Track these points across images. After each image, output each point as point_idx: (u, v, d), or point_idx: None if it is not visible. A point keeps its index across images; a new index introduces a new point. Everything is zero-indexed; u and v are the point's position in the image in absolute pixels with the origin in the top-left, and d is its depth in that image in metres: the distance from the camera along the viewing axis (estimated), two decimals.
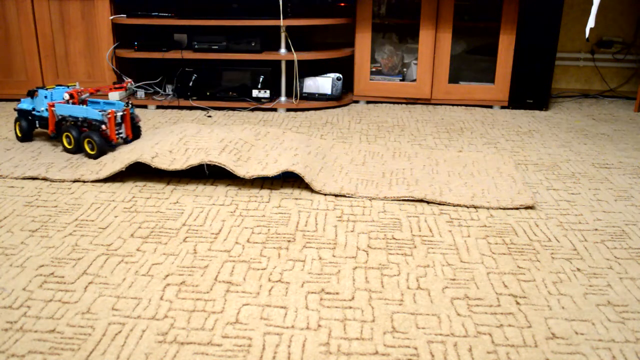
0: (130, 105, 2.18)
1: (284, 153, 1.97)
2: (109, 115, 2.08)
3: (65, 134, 2.13)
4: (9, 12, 2.91)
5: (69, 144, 2.14)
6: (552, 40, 2.85)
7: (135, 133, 2.24)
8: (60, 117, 2.19)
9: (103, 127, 2.07)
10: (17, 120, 2.31)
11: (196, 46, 2.88)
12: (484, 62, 3.08)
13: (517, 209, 1.73)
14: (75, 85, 2.33)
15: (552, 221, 1.65)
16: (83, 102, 2.26)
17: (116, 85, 2.36)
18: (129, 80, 2.51)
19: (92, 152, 2.07)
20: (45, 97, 2.24)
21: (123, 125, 2.16)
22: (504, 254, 1.45)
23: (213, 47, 2.88)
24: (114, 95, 2.91)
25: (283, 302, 1.22)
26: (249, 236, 1.53)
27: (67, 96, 2.18)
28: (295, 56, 2.83)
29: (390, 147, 2.30)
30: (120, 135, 2.15)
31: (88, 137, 2.06)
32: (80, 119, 2.13)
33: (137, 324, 1.14)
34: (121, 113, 2.14)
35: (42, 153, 2.17)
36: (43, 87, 2.26)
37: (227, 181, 1.92)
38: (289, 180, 1.94)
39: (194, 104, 2.91)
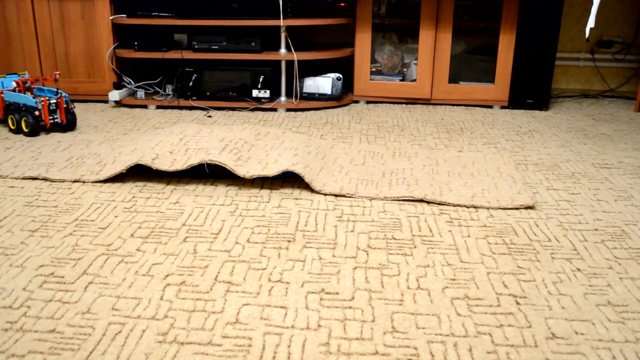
0: (64, 94, 2.46)
1: (284, 153, 1.97)
2: (42, 102, 2.38)
3: (10, 116, 2.45)
4: (9, 12, 2.91)
5: (13, 125, 2.45)
6: (552, 40, 2.85)
7: (69, 119, 2.49)
8: (7, 102, 2.50)
9: (36, 112, 2.37)
10: None
11: (196, 46, 2.88)
12: (484, 62, 3.08)
13: (517, 209, 1.73)
14: (24, 74, 2.62)
15: (552, 221, 1.65)
16: (29, 89, 2.52)
17: (46, 77, 2.61)
18: (58, 72, 2.80)
19: (27, 130, 2.39)
20: None
21: (58, 112, 2.44)
22: (504, 254, 1.45)
23: (213, 47, 2.88)
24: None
25: (283, 302, 1.22)
26: (249, 236, 1.53)
27: (14, 84, 2.49)
28: (295, 56, 2.83)
29: (390, 147, 2.30)
30: (55, 120, 2.45)
31: (24, 117, 2.39)
32: (20, 104, 2.44)
33: (137, 324, 1.14)
34: (55, 100, 2.43)
35: (42, 153, 2.17)
36: None
37: (227, 181, 1.92)
38: (289, 180, 1.94)
39: (194, 104, 2.91)
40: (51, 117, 2.42)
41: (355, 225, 1.60)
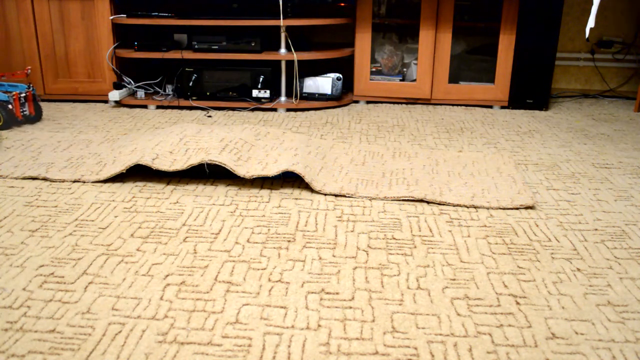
0: (32, 88, 2.59)
1: (284, 153, 1.97)
2: (13, 97, 2.53)
3: None
4: (9, 12, 2.91)
5: None
6: (552, 40, 2.85)
7: (37, 111, 2.65)
8: None
9: (10, 106, 2.51)
10: None
11: (196, 46, 2.89)
12: (484, 62, 3.08)
13: (517, 209, 1.73)
14: None
15: (552, 221, 1.65)
16: None
17: (17, 72, 2.72)
18: (29, 67, 2.89)
19: (0, 124, 2.51)
20: None
21: (27, 104, 2.59)
22: (504, 254, 1.45)
23: (213, 47, 2.88)
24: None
25: (283, 302, 1.22)
26: (249, 236, 1.53)
27: None
28: (295, 56, 2.83)
29: (390, 147, 2.30)
30: (24, 112, 2.59)
31: None
32: None
33: (137, 324, 1.14)
34: (24, 94, 2.58)
35: (42, 153, 2.17)
36: None
37: (227, 181, 1.92)
38: (289, 180, 1.94)
39: (194, 104, 2.91)
40: (21, 110, 2.57)
41: (355, 225, 1.60)
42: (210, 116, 2.78)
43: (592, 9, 2.53)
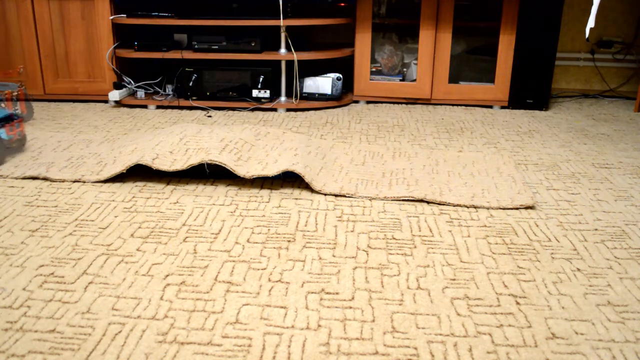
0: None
1: (284, 153, 1.97)
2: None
3: None
4: (9, 12, 2.91)
5: None
6: (552, 40, 2.85)
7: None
8: None
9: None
10: None
11: (196, 46, 2.89)
12: (484, 62, 3.08)
13: (517, 209, 1.73)
14: None
15: (552, 221, 1.65)
16: None
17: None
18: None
19: None
20: None
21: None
22: (504, 254, 1.45)
23: (213, 47, 2.88)
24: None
25: (283, 302, 1.22)
26: (249, 236, 1.53)
27: None
28: (295, 56, 2.83)
29: (390, 147, 2.30)
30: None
31: None
32: None
33: (137, 324, 1.14)
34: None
35: (42, 153, 2.17)
36: None
37: (227, 181, 1.92)
38: (289, 180, 1.94)
39: (194, 104, 2.91)
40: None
41: (355, 225, 1.60)
42: (210, 116, 2.78)
43: (592, 9, 2.53)
